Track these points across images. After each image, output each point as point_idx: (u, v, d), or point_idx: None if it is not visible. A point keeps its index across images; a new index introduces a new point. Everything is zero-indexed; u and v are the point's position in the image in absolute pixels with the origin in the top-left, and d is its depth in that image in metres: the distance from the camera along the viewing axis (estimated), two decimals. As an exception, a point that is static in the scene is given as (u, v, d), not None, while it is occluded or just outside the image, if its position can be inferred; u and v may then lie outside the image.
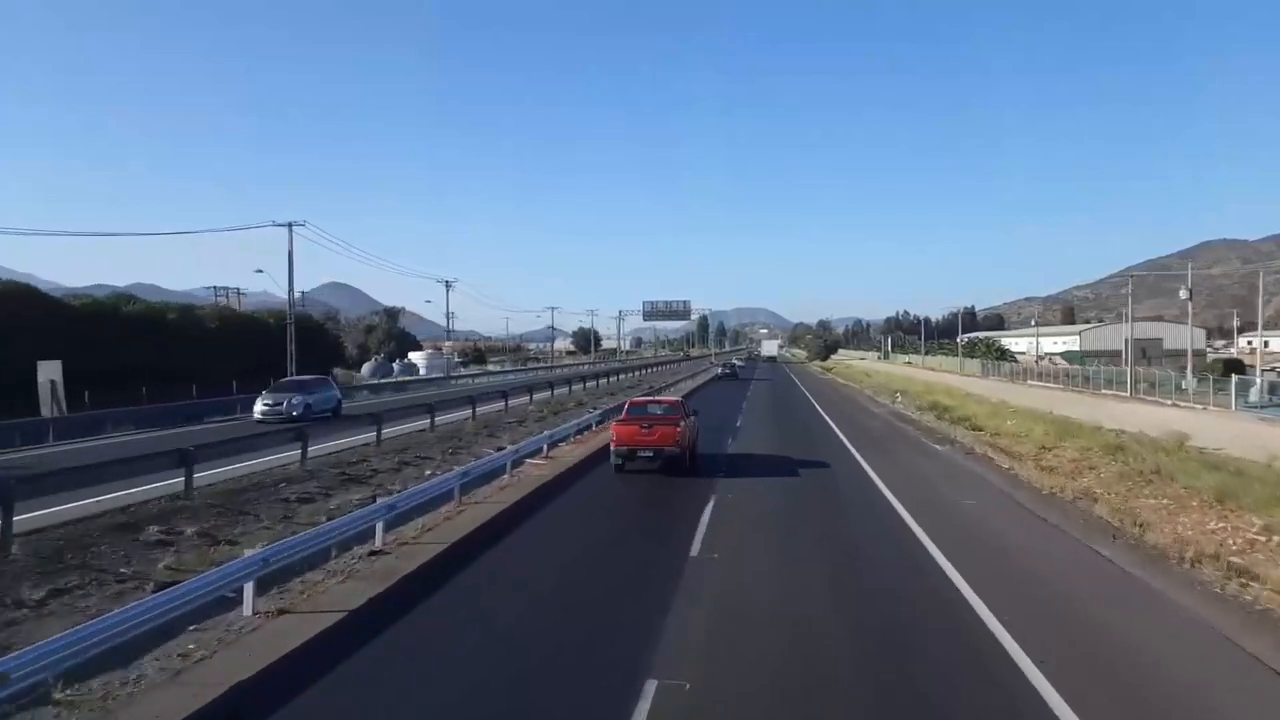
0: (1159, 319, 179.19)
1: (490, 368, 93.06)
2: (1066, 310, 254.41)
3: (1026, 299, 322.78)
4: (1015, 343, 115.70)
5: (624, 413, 20.17)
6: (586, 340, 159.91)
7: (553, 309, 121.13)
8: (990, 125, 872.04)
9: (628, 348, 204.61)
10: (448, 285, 73.13)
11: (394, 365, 76.47)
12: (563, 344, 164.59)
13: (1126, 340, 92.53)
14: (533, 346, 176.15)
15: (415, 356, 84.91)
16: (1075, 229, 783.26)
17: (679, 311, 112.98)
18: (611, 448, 19.03)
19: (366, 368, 73.70)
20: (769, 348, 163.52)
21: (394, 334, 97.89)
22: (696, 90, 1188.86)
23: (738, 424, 30.31)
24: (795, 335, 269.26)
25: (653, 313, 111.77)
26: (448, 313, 76.78)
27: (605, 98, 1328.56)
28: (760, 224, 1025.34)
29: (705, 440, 22.54)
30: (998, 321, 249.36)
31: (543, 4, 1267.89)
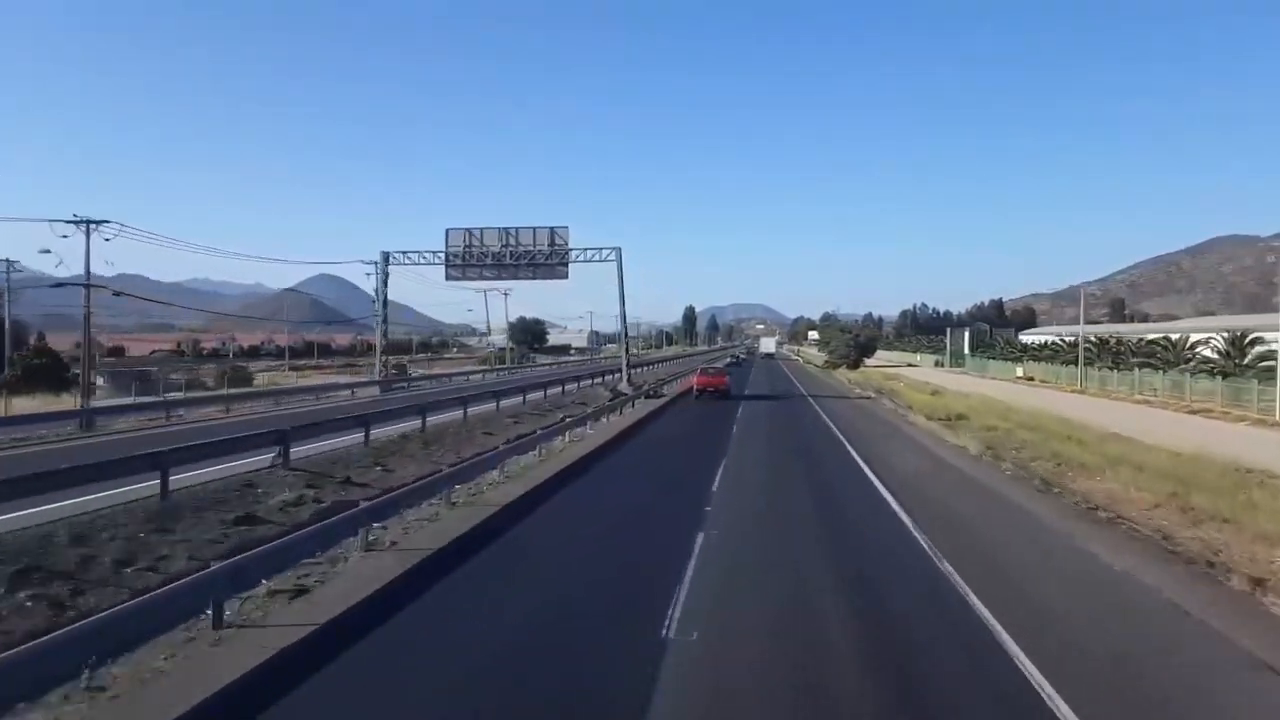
0: (1172, 317, 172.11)
1: None
2: (1115, 304, 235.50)
3: (1034, 294, 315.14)
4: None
5: (699, 373, 43.49)
6: (530, 334, 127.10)
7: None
8: (995, 119, 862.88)
9: (581, 344, 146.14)
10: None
11: None
12: (499, 339, 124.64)
13: None
14: (474, 341, 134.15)
15: None
16: (1081, 224, 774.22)
17: (535, 259, 45.43)
18: (694, 388, 40.84)
19: None
20: (767, 344, 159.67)
21: None
22: (691, 88, 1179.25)
23: None
24: (795, 331, 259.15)
25: (470, 258, 45.70)
26: (87, 303, 56.12)
27: (599, 92, 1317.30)
28: (757, 220, 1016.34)
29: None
30: (1028, 316, 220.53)
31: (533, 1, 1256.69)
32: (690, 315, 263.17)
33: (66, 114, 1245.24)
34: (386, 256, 48.90)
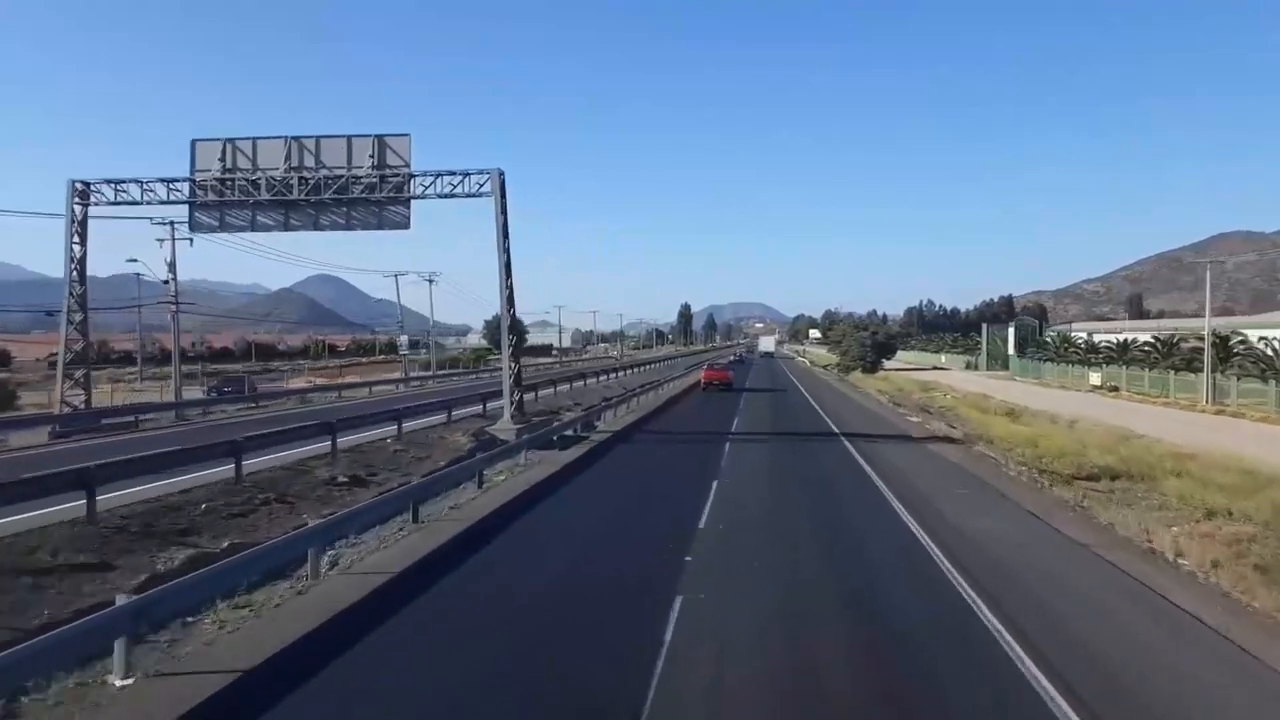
0: (1179, 314, 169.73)
1: None
2: (1133, 299, 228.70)
3: (1036, 291, 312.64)
4: None
5: (706, 368, 54.49)
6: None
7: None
8: (997, 116, 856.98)
9: (567, 344, 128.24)
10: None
11: None
12: (474, 339, 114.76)
13: None
14: (450, 341, 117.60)
15: None
16: (1083, 220, 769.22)
17: (348, 188, 25.60)
18: (702, 381, 48.93)
19: None
20: (765, 343, 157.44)
21: None
22: (689, 86, 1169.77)
23: None
24: (796, 330, 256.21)
25: (231, 191, 25.73)
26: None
27: (598, 91, 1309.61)
28: (756, 218, 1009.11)
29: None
30: (1039, 312, 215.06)
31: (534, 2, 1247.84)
32: (685, 313, 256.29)
33: (66, 112, 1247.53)
34: (82, 191, 26.61)
